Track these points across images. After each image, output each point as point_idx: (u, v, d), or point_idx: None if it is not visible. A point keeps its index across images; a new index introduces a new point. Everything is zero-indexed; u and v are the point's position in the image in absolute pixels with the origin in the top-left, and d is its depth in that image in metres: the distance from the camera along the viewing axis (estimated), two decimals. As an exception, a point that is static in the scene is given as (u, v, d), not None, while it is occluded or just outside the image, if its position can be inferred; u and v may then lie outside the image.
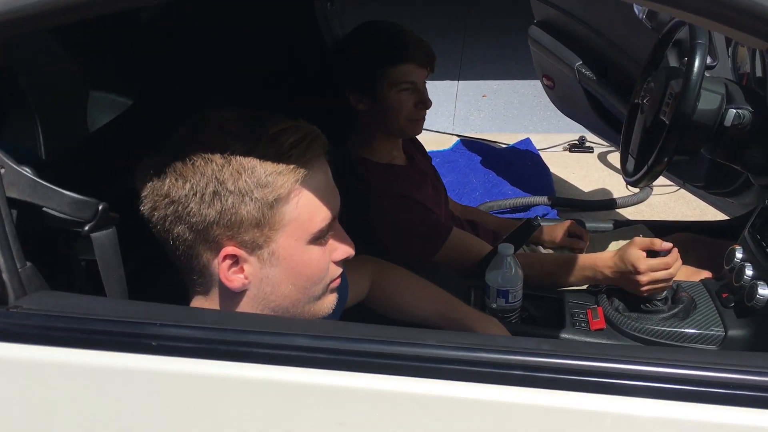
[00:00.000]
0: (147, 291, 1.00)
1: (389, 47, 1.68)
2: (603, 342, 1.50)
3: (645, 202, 3.39)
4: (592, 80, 2.80)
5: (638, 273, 1.55)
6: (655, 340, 1.53)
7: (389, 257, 1.56)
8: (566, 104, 3.13)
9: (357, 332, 0.74)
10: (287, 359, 0.72)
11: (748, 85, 1.85)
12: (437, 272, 1.77)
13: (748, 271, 1.53)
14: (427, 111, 1.78)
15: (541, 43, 3.05)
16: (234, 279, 0.91)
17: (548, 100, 3.52)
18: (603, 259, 1.65)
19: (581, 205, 3.32)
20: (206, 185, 0.87)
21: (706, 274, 1.76)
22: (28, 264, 0.85)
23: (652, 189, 3.43)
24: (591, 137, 3.88)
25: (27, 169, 0.88)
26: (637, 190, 3.49)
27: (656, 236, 2.17)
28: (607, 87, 2.76)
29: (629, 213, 3.33)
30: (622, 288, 1.64)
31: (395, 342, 0.71)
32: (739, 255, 1.60)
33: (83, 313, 0.78)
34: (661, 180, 3.36)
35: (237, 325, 0.77)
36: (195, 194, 0.87)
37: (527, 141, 3.95)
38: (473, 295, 1.66)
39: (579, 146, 3.94)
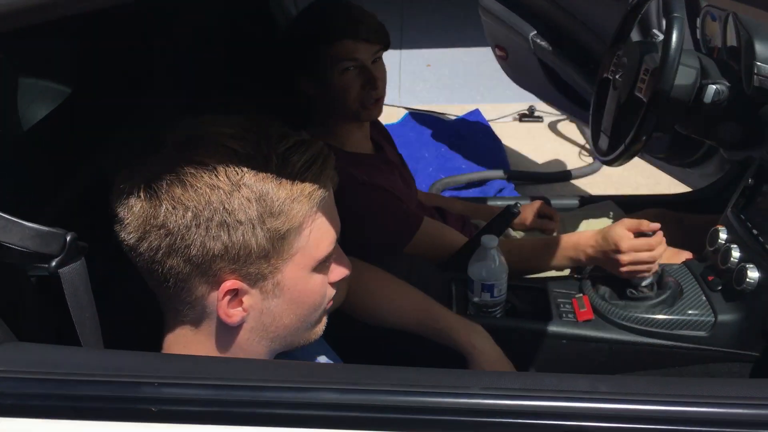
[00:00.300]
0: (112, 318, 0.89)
1: (329, 23, 1.57)
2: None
3: (599, 172, 3.37)
4: (548, 51, 2.74)
5: (619, 252, 1.49)
6: (645, 328, 1.49)
7: (357, 249, 1.46)
8: (520, 75, 3.07)
9: (389, 380, 0.64)
10: (312, 420, 0.62)
11: (720, 59, 1.81)
12: (414, 266, 1.69)
13: (735, 253, 1.49)
14: None
15: (493, 13, 2.97)
16: (233, 314, 0.80)
17: (494, 69, 3.45)
18: (586, 238, 1.59)
19: (537, 178, 3.28)
20: (212, 215, 0.76)
21: (686, 254, 1.73)
22: (-11, 311, 0.73)
23: (605, 158, 3.41)
24: (541, 106, 3.84)
25: (-20, 200, 0.76)
26: (591, 160, 3.47)
27: (625, 211, 2.15)
28: (563, 58, 2.70)
29: (584, 184, 3.31)
30: (607, 272, 1.59)
31: (434, 392, 0.62)
32: (723, 236, 1.56)
33: (64, 372, 0.66)
34: (614, 149, 3.36)
35: (250, 378, 0.66)
36: (198, 225, 0.75)
37: (476, 112, 3.88)
38: (454, 289, 1.58)
39: (529, 116, 3.90)
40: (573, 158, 3.54)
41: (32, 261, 0.79)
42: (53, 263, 0.79)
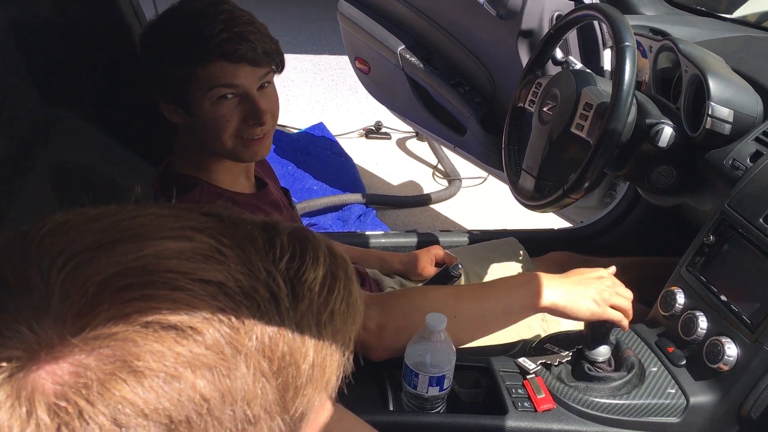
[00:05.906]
0: None
1: (199, 36, 1.15)
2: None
3: (455, 196, 3.19)
4: (419, 68, 2.48)
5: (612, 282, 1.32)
6: (611, 417, 1.25)
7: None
8: (384, 92, 2.78)
9: None
10: None
11: (651, 95, 1.64)
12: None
13: (702, 323, 1.30)
14: None
15: (355, 22, 2.66)
16: None
17: (336, 79, 3.15)
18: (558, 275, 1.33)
19: (396, 203, 3.03)
20: (196, 417, 0.39)
21: None
22: None
23: (461, 181, 3.24)
24: (388, 122, 3.61)
25: None
26: (445, 182, 3.28)
27: (528, 250, 1.92)
28: (435, 76, 2.46)
29: (443, 209, 3.10)
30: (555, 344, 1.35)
31: None
32: (681, 299, 1.37)
33: None
34: (471, 170, 3.19)
35: None
36: None
37: (321, 126, 3.55)
38: (387, 383, 1.24)
39: (376, 132, 3.64)
40: (427, 180, 3.33)
41: None
42: None
